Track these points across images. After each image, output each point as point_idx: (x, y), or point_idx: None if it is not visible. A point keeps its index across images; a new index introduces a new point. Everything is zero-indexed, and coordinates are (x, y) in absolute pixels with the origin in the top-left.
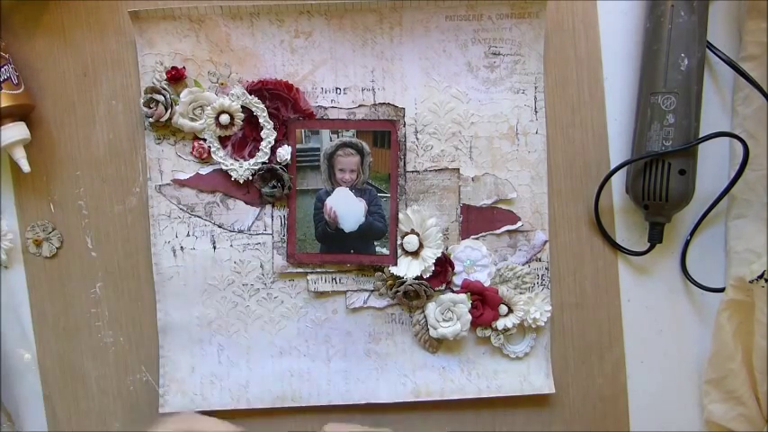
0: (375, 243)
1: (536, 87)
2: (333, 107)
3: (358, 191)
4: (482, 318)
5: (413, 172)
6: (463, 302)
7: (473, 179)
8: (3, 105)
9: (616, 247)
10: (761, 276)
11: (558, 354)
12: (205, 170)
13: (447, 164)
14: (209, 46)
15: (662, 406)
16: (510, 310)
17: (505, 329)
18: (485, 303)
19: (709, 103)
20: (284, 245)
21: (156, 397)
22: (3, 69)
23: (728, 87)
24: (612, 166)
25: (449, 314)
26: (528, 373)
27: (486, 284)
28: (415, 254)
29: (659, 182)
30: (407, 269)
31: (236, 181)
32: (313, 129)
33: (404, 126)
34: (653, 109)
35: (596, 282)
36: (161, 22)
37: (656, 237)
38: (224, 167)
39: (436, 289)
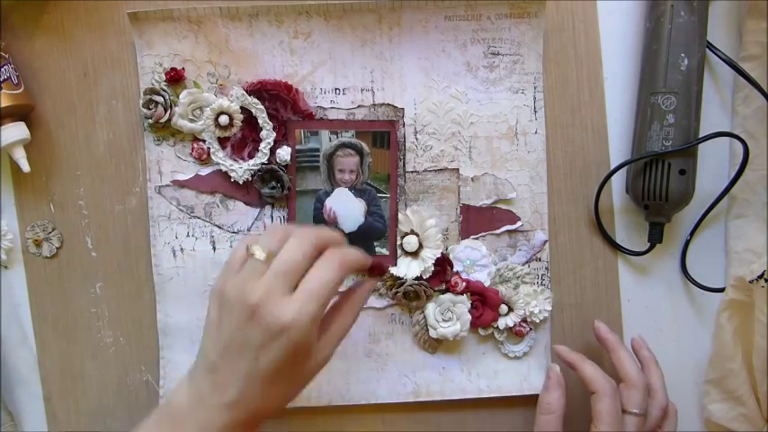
0: (375, 243)
1: (535, 87)
2: (332, 108)
3: (357, 191)
4: (482, 318)
5: (412, 172)
6: (463, 302)
7: (472, 179)
8: (3, 105)
9: (616, 247)
10: (761, 276)
11: None
12: (204, 171)
13: (446, 164)
14: (209, 47)
15: None
16: (510, 310)
17: (506, 328)
18: (485, 304)
19: (709, 103)
20: None
21: (156, 397)
22: (3, 69)
23: (728, 87)
24: (612, 166)
25: (448, 314)
26: (528, 373)
27: (486, 284)
28: (415, 254)
29: (659, 182)
30: (407, 269)
31: (235, 182)
32: (312, 129)
33: (403, 126)
34: (653, 109)
35: (596, 282)
36: (160, 24)
37: (656, 237)
38: (223, 168)
39: (436, 289)
